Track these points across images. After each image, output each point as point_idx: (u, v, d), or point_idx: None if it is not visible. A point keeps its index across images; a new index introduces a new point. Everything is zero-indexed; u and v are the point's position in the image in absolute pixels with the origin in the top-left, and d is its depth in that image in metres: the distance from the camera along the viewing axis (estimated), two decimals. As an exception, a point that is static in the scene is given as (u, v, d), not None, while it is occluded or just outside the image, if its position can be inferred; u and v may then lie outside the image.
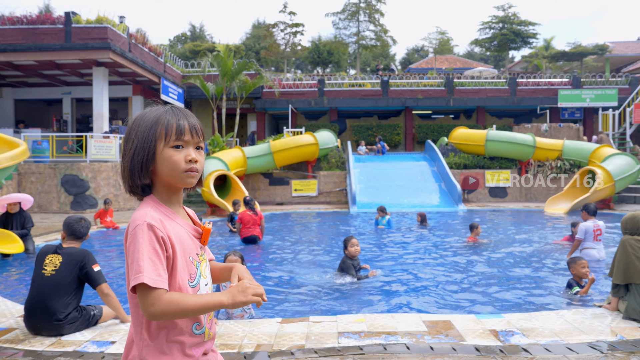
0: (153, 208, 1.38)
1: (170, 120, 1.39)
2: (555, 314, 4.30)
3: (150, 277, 1.27)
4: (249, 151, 16.34)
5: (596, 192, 13.55)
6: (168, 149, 1.38)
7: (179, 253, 1.37)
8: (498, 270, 6.48)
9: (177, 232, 1.39)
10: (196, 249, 1.45)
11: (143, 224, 1.31)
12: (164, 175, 1.39)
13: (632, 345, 3.56)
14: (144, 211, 1.35)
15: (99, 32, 15.26)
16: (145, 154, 1.37)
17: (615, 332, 3.81)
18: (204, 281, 1.47)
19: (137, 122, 1.41)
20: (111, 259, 7.73)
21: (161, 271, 1.30)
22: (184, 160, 1.38)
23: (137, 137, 1.38)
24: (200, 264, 1.45)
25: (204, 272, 1.47)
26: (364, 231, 10.58)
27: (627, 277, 4.17)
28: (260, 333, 3.92)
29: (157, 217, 1.35)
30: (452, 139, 18.24)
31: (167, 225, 1.36)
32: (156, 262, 1.29)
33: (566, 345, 3.54)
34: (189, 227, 1.46)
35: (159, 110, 1.42)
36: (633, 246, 4.19)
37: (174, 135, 1.38)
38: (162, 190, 1.43)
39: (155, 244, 1.31)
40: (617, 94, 21.75)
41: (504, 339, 3.68)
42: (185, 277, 1.38)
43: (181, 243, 1.39)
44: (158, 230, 1.32)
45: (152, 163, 1.38)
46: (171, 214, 1.41)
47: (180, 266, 1.37)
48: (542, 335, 3.75)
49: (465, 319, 4.15)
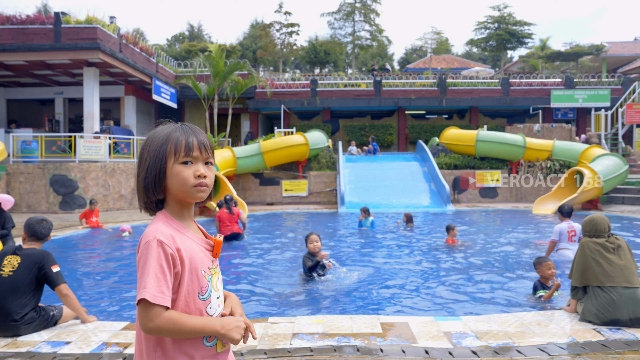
0: (165, 223, 1.42)
1: (179, 137, 1.44)
2: (514, 316, 4.31)
3: (151, 294, 1.30)
4: (239, 151, 16.37)
5: (583, 192, 13.56)
6: (178, 165, 1.42)
7: (188, 267, 1.40)
8: (469, 272, 6.49)
9: (188, 246, 1.42)
10: (208, 262, 1.48)
11: (153, 240, 1.35)
12: (175, 190, 1.43)
13: (581, 347, 3.58)
14: (155, 226, 1.40)
15: (88, 33, 15.28)
16: (157, 171, 1.42)
17: (568, 335, 3.83)
18: (216, 294, 1.50)
19: (149, 140, 1.47)
20: (94, 259, 7.76)
21: (164, 288, 1.33)
22: (192, 175, 1.43)
23: (150, 155, 1.44)
24: (212, 277, 1.48)
25: (215, 285, 1.50)
26: (347, 232, 10.59)
27: (584, 279, 4.19)
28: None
29: (168, 232, 1.39)
30: (443, 139, 18.26)
31: (178, 240, 1.40)
32: (160, 279, 1.33)
33: (516, 348, 3.56)
34: (201, 240, 1.49)
35: (170, 128, 1.47)
36: (591, 249, 4.21)
37: (183, 151, 1.43)
38: (173, 205, 1.47)
39: (163, 260, 1.34)
40: (609, 94, 21.75)
41: (456, 342, 3.70)
42: (195, 290, 1.42)
43: (192, 257, 1.42)
44: (167, 247, 1.35)
45: (164, 179, 1.43)
46: (182, 228, 1.45)
47: (189, 280, 1.40)
48: (496, 338, 3.77)
49: (423, 321, 4.17)
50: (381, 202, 15.25)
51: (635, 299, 3.96)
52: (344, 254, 7.81)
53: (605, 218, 4.34)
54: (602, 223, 4.29)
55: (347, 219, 13.02)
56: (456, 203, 16.53)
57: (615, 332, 3.88)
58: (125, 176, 15.26)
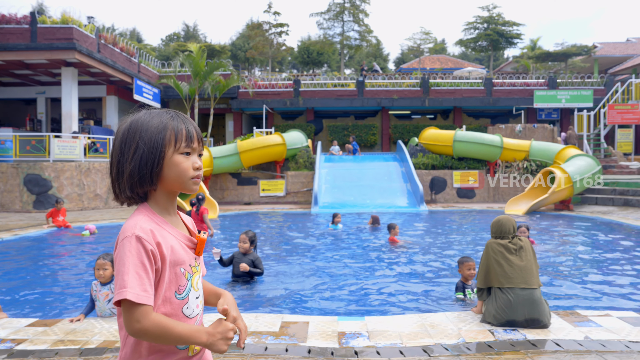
0: (145, 217, 1.35)
1: (179, 126, 1.38)
2: (419, 317, 4.34)
3: (134, 293, 1.23)
4: (215, 151, 16.42)
5: (554, 193, 13.57)
6: (178, 155, 1.37)
7: (168, 264, 1.33)
8: (401, 271, 6.52)
9: (168, 242, 1.35)
10: (189, 259, 1.40)
11: (132, 236, 1.28)
12: (170, 181, 1.37)
13: (466, 348, 3.60)
14: (134, 221, 1.33)
15: (64, 33, 15.32)
16: (155, 159, 1.34)
17: (460, 336, 3.85)
18: (195, 294, 1.42)
19: (139, 126, 1.36)
20: (59, 257, 7.81)
21: (147, 286, 1.26)
22: (191, 167, 1.38)
23: (144, 142, 1.34)
24: (192, 275, 1.41)
25: (195, 284, 1.42)
26: (305, 232, 10.62)
27: (487, 280, 4.21)
28: (115, 331, 3.99)
29: (148, 227, 1.31)
30: (422, 140, 18.27)
31: (158, 235, 1.33)
32: (143, 277, 1.25)
33: (400, 349, 3.59)
34: (183, 237, 1.42)
35: (163, 115, 1.40)
36: (494, 250, 4.23)
37: (184, 141, 1.37)
38: (160, 197, 1.40)
39: (144, 256, 1.27)
40: (592, 95, 21.74)
41: (344, 342, 3.72)
42: (173, 289, 1.35)
43: (172, 254, 1.35)
44: (147, 243, 1.28)
45: (162, 169, 1.35)
46: (164, 223, 1.38)
47: (168, 278, 1.33)
48: (387, 339, 3.79)
49: (324, 321, 4.20)
50: (356, 202, 15.29)
51: (531, 300, 3.98)
52: (288, 253, 7.84)
53: (511, 219, 4.36)
54: (507, 224, 4.32)
55: (319, 218, 13.05)
56: (433, 203, 16.55)
57: (508, 332, 3.91)
58: (101, 175, 15.30)
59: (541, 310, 3.98)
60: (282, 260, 7.29)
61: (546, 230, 10.61)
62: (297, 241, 9.30)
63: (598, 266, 6.88)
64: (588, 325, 4.05)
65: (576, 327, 3.99)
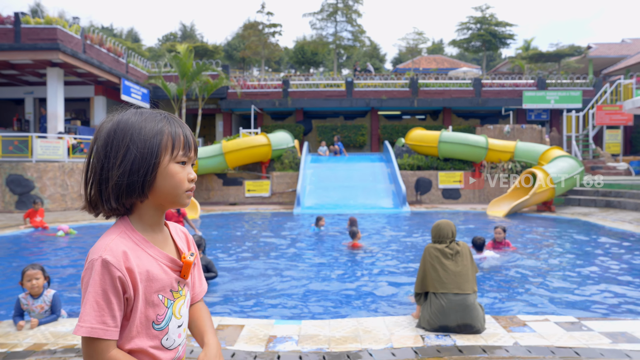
0: (121, 235, 1.19)
1: (176, 131, 1.23)
2: (356, 321, 4.34)
3: (88, 327, 1.09)
4: (200, 152, 16.41)
5: (535, 194, 13.55)
6: (174, 164, 1.21)
7: (142, 292, 1.17)
8: (354, 275, 6.51)
9: (144, 265, 1.19)
10: (170, 284, 1.24)
11: (98, 260, 1.12)
12: (163, 193, 1.21)
13: (391, 353, 3.61)
14: (105, 241, 1.17)
15: (48, 33, 15.34)
16: (148, 167, 1.18)
17: (389, 341, 3.85)
18: (177, 322, 1.25)
19: (130, 127, 1.19)
20: (25, 258, 7.82)
21: (107, 318, 1.11)
22: (187, 179, 1.23)
23: (136, 145, 1.17)
24: (174, 302, 1.24)
25: (177, 312, 1.26)
26: (284, 233, 10.62)
27: (423, 285, 4.21)
28: (50, 334, 4.00)
29: (120, 249, 1.15)
30: (408, 140, 18.25)
31: (132, 258, 1.16)
32: (103, 307, 1.11)
33: (324, 354, 3.59)
34: (166, 258, 1.24)
35: (157, 116, 1.24)
36: (431, 254, 4.23)
37: (182, 149, 1.23)
38: (146, 211, 1.23)
39: (107, 284, 1.12)
40: (581, 95, 21.72)
41: (272, 346, 3.73)
42: (150, 318, 1.19)
43: (148, 279, 1.19)
44: (114, 269, 1.12)
45: (155, 178, 1.19)
46: (143, 242, 1.21)
47: (143, 307, 1.18)
48: (316, 343, 3.80)
49: (260, 324, 4.20)
50: (339, 203, 15.29)
51: (464, 306, 3.98)
52: (254, 255, 7.84)
53: (450, 224, 4.36)
54: (445, 229, 4.32)
55: (302, 220, 13.02)
56: (418, 204, 16.54)
57: (439, 338, 3.91)
58: (85, 176, 15.30)
59: (474, 316, 3.98)
60: (245, 262, 7.29)
61: (520, 232, 10.60)
62: (268, 242, 9.30)
63: (563, 269, 6.88)
64: (522, 330, 4.05)
65: (509, 333, 4.00)
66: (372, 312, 4.92)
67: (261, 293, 5.63)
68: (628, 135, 23.68)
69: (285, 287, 5.85)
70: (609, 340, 3.79)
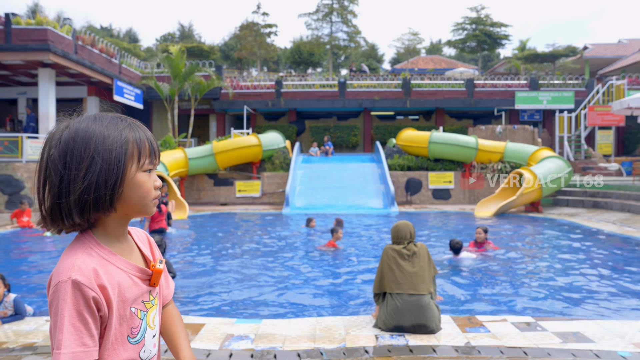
0: (87, 252, 1.11)
1: (141, 137, 1.17)
2: (316, 320, 4.40)
3: (68, 353, 1.03)
4: (191, 152, 16.49)
5: (522, 195, 13.60)
6: (141, 173, 1.15)
7: (115, 308, 1.12)
8: (325, 274, 6.58)
9: (115, 280, 1.13)
10: (142, 295, 1.20)
11: (67, 281, 1.05)
12: (130, 204, 1.15)
13: (342, 353, 3.67)
14: (71, 260, 1.09)
15: (39, 34, 15.40)
16: (116, 178, 1.11)
17: (344, 340, 3.91)
18: (151, 332, 1.22)
19: (91, 135, 1.11)
20: (22, 257, 7.90)
21: (87, 339, 1.06)
22: (153, 187, 1.18)
23: (101, 155, 1.09)
24: (146, 313, 1.20)
25: (151, 322, 1.22)
26: (268, 232, 10.68)
27: (381, 286, 4.27)
28: (12, 332, 4.08)
29: (90, 266, 1.09)
30: (399, 141, 18.30)
31: (103, 274, 1.10)
32: (81, 330, 1.05)
33: (275, 353, 3.65)
34: (134, 268, 1.20)
35: (119, 122, 1.16)
36: (389, 255, 4.29)
37: (148, 157, 1.17)
38: (110, 223, 1.17)
39: (82, 305, 1.06)
40: (573, 96, 21.74)
41: (227, 344, 3.80)
42: (124, 333, 1.15)
43: (120, 294, 1.13)
44: (87, 289, 1.06)
45: (122, 190, 1.13)
46: (111, 255, 1.15)
47: (117, 322, 1.13)
48: (270, 342, 3.86)
49: (221, 322, 4.27)
50: (328, 204, 15.34)
51: (418, 306, 4.04)
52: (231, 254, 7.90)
53: (408, 225, 4.41)
54: (403, 230, 4.37)
55: (290, 220, 13.05)
56: (408, 205, 16.59)
57: (393, 338, 3.97)
58: (75, 176, 15.37)
59: (429, 316, 4.03)
60: (220, 262, 7.35)
61: (504, 232, 10.65)
62: (249, 242, 9.36)
63: (537, 270, 6.93)
64: (478, 330, 4.11)
65: (464, 333, 4.05)
66: (337, 311, 4.98)
67: (229, 292, 5.69)
68: (621, 136, 23.71)
69: (254, 287, 5.91)
70: (559, 340, 3.85)
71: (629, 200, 13.08)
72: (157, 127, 24.37)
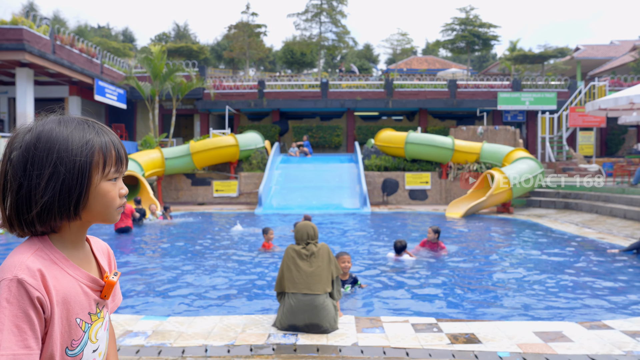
0: (35, 254, 1.06)
1: (107, 145, 1.12)
2: (219, 318, 4.46)
3: (9, 355, 0.98)
4: (167, 152, 16.57)
5: (492, 196, 13.64)
6: (105, 182, 1.11)
7: (58, 316, 1.06)
8: (257, 274, 6.64)
9: (63, 286, 1.08)
10: (89, 306, 1.14)
11: (12, 279, 1.01)
12: (93, 213, 1.12)
13: (226, 350, 3.73)
14: (18, 259, 1.04)
15: (14, 34, 15.48)
16: (81, 189, 1.07)
17: (235, 338, 3.97)
18: (92, 347, 1.15)
19: (54, 141, 1.06)
20: None
21: (31, 341, 1.00)
22: (118, 195, 1.14)
23: (64, 165, 1.05)
24: (92, 325, 1.14)
25: (94, 336, 1.16)
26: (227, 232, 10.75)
27: (281, 285, 4.33)
28: None
29: (37, 267, 1.04)
30: (378, 141, 18.34)
31: (49, 277, 1.05)
32: (25, 330, 1.00)
33: (160, 349, 3.71)
34: (86, 277, 1.14)
35: (85, 126, 1.11)
36: (289, 255, 4.35)
37: (114, 165, 1.13)
38: (69, 229, 1.12)
39: (27, 305, 1.00)
40: (556, 97, 21.75)
41: (121, 339, 3.86)
42: (64, 343, 1.08)
43: (65, 302, 1.08)
44: (32, 288, 1.01)
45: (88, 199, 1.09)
46: (62, 260, 1.10)
47: (58, 332, 1.06)
48: (164, 338, 3.92)
49: (127, 319, 4.35)
50: (302, 204, 15.40)
51: (312, 306, 4.09)
52: (175, 253, 7.97)
53: (308, 225, 4.47)
54: (301, 231, 4.44)
55: (261, 220, 13.08)
56: (384, 205, 16.64)
57: (284, 337, 4.03)
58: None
59: (322, 316, 4.09)
60: (159, 261, 7.42)
61: (462, 233, 10.69)
62: (202, 242, 9.42)
63: (478, 271, 6.97)
64: (373, 331, 4.16)
65: (358, 334, 4.10)
66: (252, 311, 5.04)
67: (160, 289, 5.75)
68: (603, 137, 23.72)
69: (184, 286, 5.98)
70: (448, 342, 3.90)
71: (598, 201, 13.11)
72: (141, 127, 24.48)
